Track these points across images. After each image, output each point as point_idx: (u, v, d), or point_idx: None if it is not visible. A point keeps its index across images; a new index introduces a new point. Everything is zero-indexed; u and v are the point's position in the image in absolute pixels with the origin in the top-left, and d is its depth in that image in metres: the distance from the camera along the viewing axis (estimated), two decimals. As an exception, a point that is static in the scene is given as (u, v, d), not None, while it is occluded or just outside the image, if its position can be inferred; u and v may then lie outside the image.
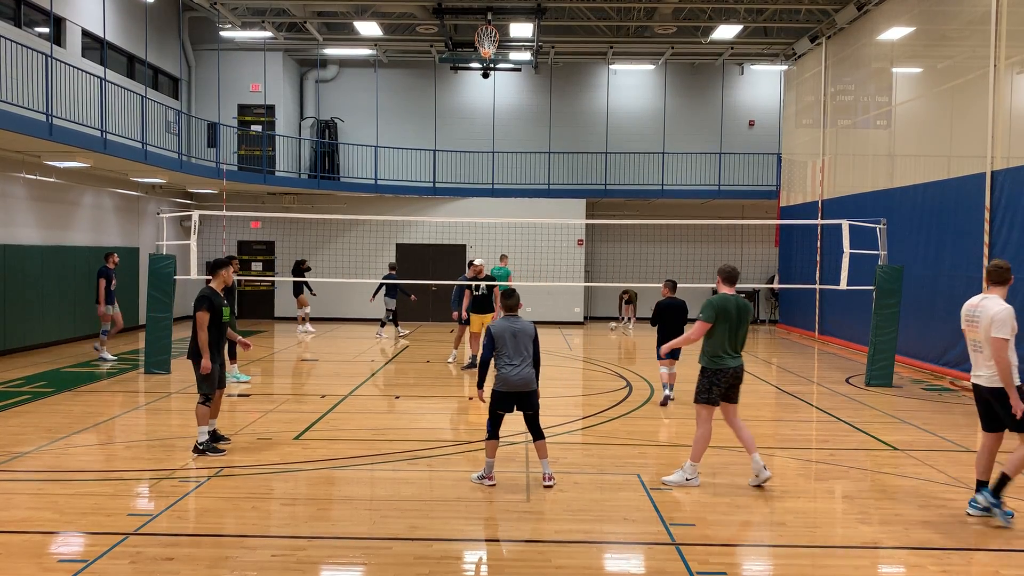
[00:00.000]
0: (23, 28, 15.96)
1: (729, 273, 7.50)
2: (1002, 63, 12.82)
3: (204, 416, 8.18)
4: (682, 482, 7.39)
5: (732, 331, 7.30)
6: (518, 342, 7.20)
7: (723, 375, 7.30)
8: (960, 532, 6.31)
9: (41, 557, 5.59)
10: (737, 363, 7.35)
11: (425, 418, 10.65)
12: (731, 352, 7.32)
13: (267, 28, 21.75)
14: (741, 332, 7.36)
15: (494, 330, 7.23)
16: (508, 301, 7.47)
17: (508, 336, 7.20)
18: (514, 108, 25.57)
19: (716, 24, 20.77)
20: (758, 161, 24.91)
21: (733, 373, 7.34)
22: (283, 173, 23.36)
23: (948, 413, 11.07)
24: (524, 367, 7.19)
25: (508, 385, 7.18)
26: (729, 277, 7.49)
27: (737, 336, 7.34)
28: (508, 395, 7.21)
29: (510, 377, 7.16)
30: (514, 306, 7.46)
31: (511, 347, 7.19)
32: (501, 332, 7.22)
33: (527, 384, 7.20)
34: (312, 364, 15.61)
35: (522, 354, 7.20)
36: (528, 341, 7.25)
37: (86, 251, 18.10)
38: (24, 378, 12.92)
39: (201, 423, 8.17)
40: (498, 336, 7.21)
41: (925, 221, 15.08)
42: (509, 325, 7.25)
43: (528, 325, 7.33)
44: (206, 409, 8.19)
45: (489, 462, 7.32)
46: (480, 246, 23.43)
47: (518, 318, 7.37)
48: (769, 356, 17.63)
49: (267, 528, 6.22)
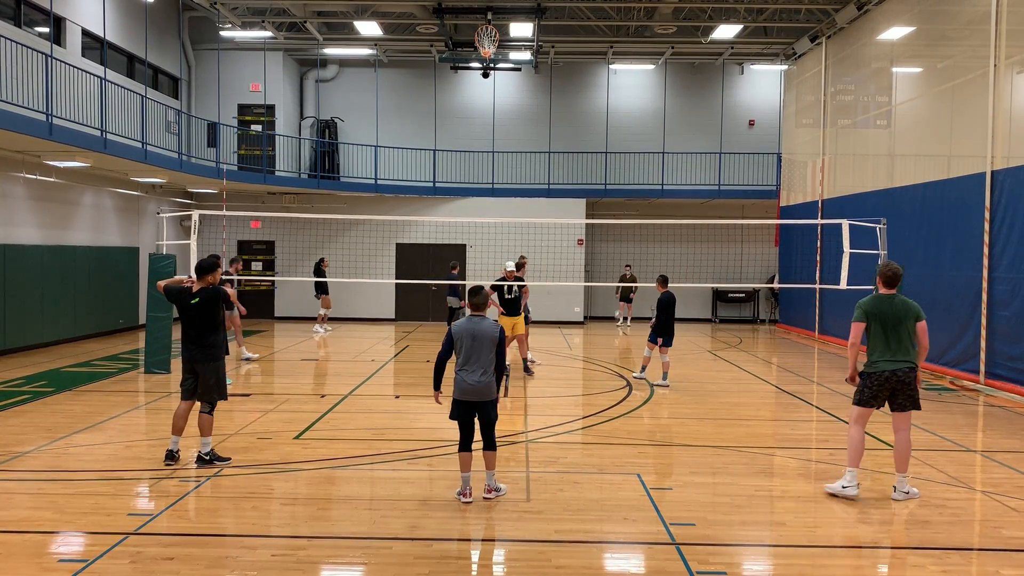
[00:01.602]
0: (23, 28, 15.96)
1: (889, 276, 7.12)
2: (1002, 63, 12.82)
3: (210, 426, 7.85)
4: (838, 490, 7.06)
5: (888, 332, 6.99)
6: (476, 345, 6.70)
7: (874, 378, 7.01)
8: (960, 532, 6.31)
9: (41, 557, 5.59)
10: (894, 367, 6.94)
11: (425, 418, 10.64)
12: (887, 355, 6.97)
13: (267, 28, 21.75)
14: (901, 333, 6.97)
15: (454, 330, 6.79)
16: (474, 299, 6.91)
17: (467, 338, 6.72)
18: (514, 108, 25.57)
19: (716, 24, 20.78)
20: (758, 161, 24.91)
21: (888, 377, 6.95)
22: (283, 173, 23.36)
23: (948, 413, 11.07)
24: (478, 374, 6.70)
25: (461, 392, 6.75)
26: (889, 279, 7.12)
27: (898, 337, 6.97)
28: (462, 403, 6.77)
29: (462, 383, 6.73)
30: (481, 305, 6.90)
31: (467, 350, 6.71)
32: (460, 333, 6.76)
33: (480, 393, 6.71)
34: (312, 364, 15.60)
35: (478, 359, 6.70)
36: (488, 345, 6.71)
37: (86, 251, 18.11)
38: (24, 378, 12.92)
39: (205, 434, 7.82)
40: (456, 337, 6.77)
41: (925, 221, 15.08)
42: (470, 326, 6.75)
43: (492, 328, 6.78)
44: (211, 419, 7.86)
45: (464, 476, 6.83)
46: (480, 246, 23.46)
47: (484, 319, 6.84)
48: (769, 356, 17.63)
49: (267, 528, 6.22)
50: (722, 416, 10.72)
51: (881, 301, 7.06)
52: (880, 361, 7.00)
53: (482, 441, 6.93)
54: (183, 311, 7.80)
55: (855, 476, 7.08)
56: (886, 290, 7.15)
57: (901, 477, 7.10)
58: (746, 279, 25.29)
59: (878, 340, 7.04)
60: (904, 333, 7.00)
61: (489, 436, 6.90)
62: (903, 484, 7.09)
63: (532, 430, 9.64)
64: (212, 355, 7.81)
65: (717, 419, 10.53)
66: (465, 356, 6.76)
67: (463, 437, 6.87)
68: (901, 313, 7.01)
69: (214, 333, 7.81)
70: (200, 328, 7.77)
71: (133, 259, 20.07)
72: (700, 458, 8.47)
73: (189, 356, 7.85)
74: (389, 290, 24.42)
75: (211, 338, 7.79)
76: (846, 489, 7.04)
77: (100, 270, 18.58)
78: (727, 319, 25.81)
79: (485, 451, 6.92)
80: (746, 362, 16.23)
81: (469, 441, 6.89)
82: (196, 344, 7.79)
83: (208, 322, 7.78)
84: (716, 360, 16.51)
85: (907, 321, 7.00)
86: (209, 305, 7.77)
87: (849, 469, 7.09)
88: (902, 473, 7.11)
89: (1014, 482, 7.67)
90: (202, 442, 7.86)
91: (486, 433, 6.89)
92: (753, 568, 5.72)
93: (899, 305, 7.03)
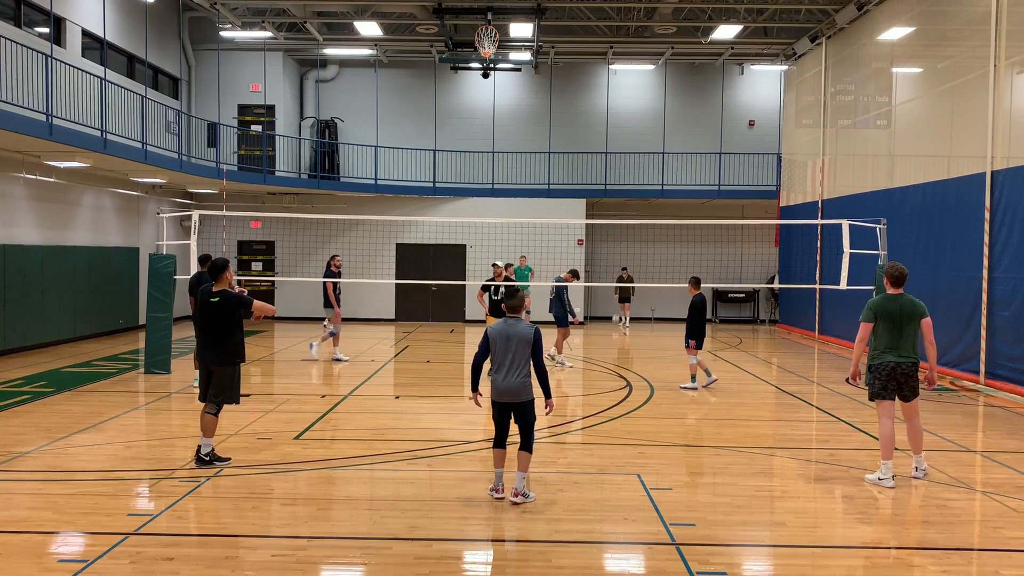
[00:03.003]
0: (23, 28, 15.96)
1: (896, 276, 7.50)
2: (1002, 63, 12.82)
3: (213, 427, 7.82)
4: (875, 481, 7.45)
5: (894, 329, 7.39)
6: (511, 347, 6.76)
7: (880, 369, 7.44)
8: (960, 532, 6.31)
9: (41, 557, 5.59)
10: (901, 360, 7.39)
11: (425, 418, 10.65)
12: (891, 350, 7.40)
13: (267, 28, 21.75)
14: (907, 330, 7.40)
15: (490, 332, 6.89)
16: (510, 302, 7.05)
17: (502, 340, 6.79)
18: (514, 108, 25.57)
19: (716, 24, 20.77)
20: (758, 161, 24.91)
21: (894, 368, 7.39)
22: (283, 173, 23.37)
23: (948, 413, 11.07)
24: (514, 375, 6.75)
25: (497, 393, 6.82)
26: (896, 279, 7.50)
27: (903, 334, 7.40)
28: (498, 404, 6.83)
29: (498, 384, 6.81)
30: (516, 307, 7.00)
31: (502, 352, 6.78)
32: (495, 335, 6.84)
33: (515, 394, 6.76)
34: (312, 364, 15.60)
35: (513, 361, 6.75)
36: (523, 347, 6.76)
37: (86, 251, 18.11)
38: (24, 378, 12.92)
39: (208, 434, 7.79)
40: (492, 339, 6.85)
41: (925, 221, 15.08)
42: (505, 328, 6.83)
43: (527, 330, 6.81)
44: (216, 420, 7.83)
45: (496, 472, 6.97)
46: (480, 246, 23.46)
47: (519, 321, 6.92)
48: (769, 356, 17.63)
49: (267, 528, 6.22)
50: (722, 416, 10.72)
51: (889, 300, 7.46)
52: (885, 353, 7.45)
53: (520, 441, 6.93)
54: (201, 309, 7.78)
55: (890, 468, 7.45)
56: (894, 290, 7.53)
57: (918, 457, 7.68)
58: (746, 279, 25.29)
59: (884, 336, 7.45)
60: (910, 331, 7.42)
61: (526, 437, 6.90)
62: (921, 463, 7.67)
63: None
64: (229, 359, 7.82)
65: (717, 419, 10.53)
66: (499, 358, 6.83)
67: (498, 435, 6.94)
68: (908, 312, 7.42)
69: (230, 337, 7.79)
70: (216, 330, 7.75)
71: (133, 259, 20.07)
72: (700, 458, 8.48)
73: (204, 358, 7.84)
74: (389, 290, 24.43)
75: (228, 342, 7.78)
76: (882, 481, 7.42)
77: (100, 270, 18.58)
78: (727, 319, 25.81)
79: (520, 450, 6.90)
80: (746, 362, 16.23)
81: (503, 439, 6.95)
82: (213, 348, 7.78)
83: (225, 325, 7.75)
84: (716, 360, 16.50)
85: (914, 319, 7.42)
86: (227, 308, 7.75)
87: (883, 462, 7.46)
88: (918, 454, 7.68)
89: (1014, 482, 7.67)
90: (203, 442, 7.83)
91: (524, 434, 6.91)
92: (753, 568, 5.73)
93: (907, 304, 7.44)
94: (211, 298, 7.75)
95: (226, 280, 7.88)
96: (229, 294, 7.80)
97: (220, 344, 7.77)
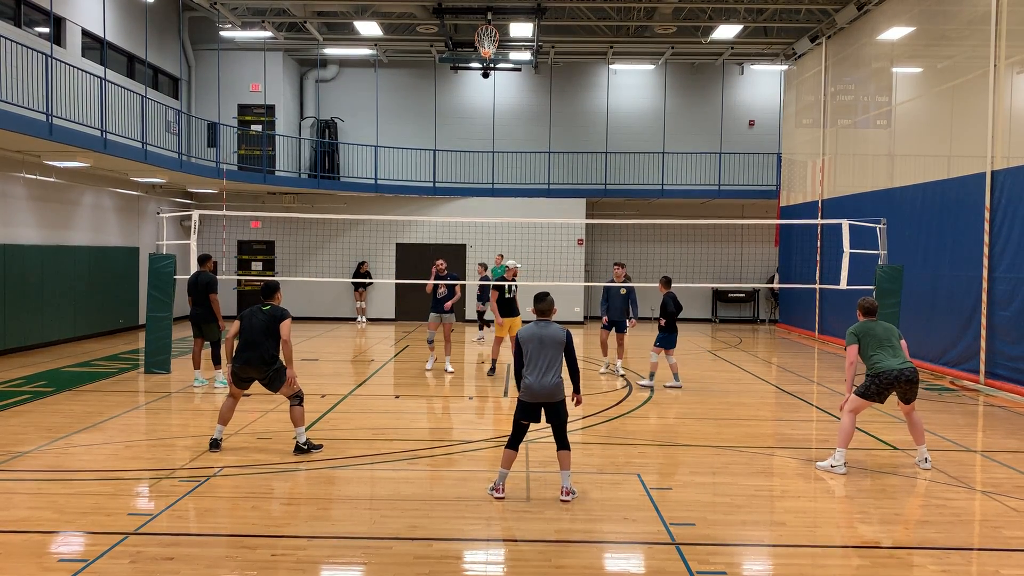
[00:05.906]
0: (23, 28, 15.96)
1: (868, 308, 8.10)
2: (1002, 63, 12.82)
3: (301, 416, 8.35)
4: (827, 468, 7.87)
5: (885, 342, 7.85)
6: (543, 348, 6.85)
7: (882, 377, 7.71)
8: (960, 532, 6.31)
9: (41, 557, 5.59)
10: (901, 366, 7.71)
11: (425, 418, 10.65)
12: (889, 359, 7.75)
13: (267, 28, 21.75)
14: (894, 343, 7.87)
15: (521, 336, 6.93)
16: (540, 305, 7.07)
17: (535, 343, 6.88)
18: (514, 108, 25.57)
19: (716, 24, 20.77)
20: (758, 161, 24.91)
21: (897, 375, 7.68)
22: (283, 173, 23.36)
23: (948, 413, 11.07)
24: (549, 376, 6.84)
25: (530, 394, 6.86)
26: (867, 311, 8.09)
27: (893, 345, 7.85)
28: (531, 405, 6.90)
29: (532, 386, 6.84)
30: (546, 310, 7.05)
31: (535, 354, 6.86)
32: (527, 339, 6.91)
33: (551, 395, 6.85)
34: (312, 364, 15.60)
35: (546, 362, 6.84)
36: (555, 348, 6.88)
37: (86, 251, 18.11)
38: (24, 378, 12.91)
39: (298, 424, 8.31)
40: (524, 342, 6.92)
41: (925, 221, 15.08)
42: (537, 331, 6.91)
43: (558, 332, 6.92)
44: (303, 410, 8.39)
45: (502, 472, 6.98)
46: (480, 246, 23.45)
47: (549, 323, 6.98)
48: (769, 356, 17.63)
49: (267, 528, 6.22)
50: (722, 416, 10.72)
51: (867, 325, 8.01)
52: (887, 360, 7.76)
53: (556, 442, 6.99)
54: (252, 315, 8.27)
55: (843, 455, 7.85)
56: (868, 319, 8.09)
57: (921, 447, 8.03)
58: (746, 279, 25.29)
59: (877, 350, 7.85)
60: (895, 344, 7.91)
61: (562, 436, 6.97)
62: (924, 452, 8.01)
63: (532, 430, 9.60)
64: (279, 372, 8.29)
65: (717, 419, 10.53)
66: (532, 360, 6.89)
67: (514, 436, 7.00)
68: (888, 329, 7.99)
69: (277, 348, 8.25)
70: (267, 337, 8.19)
71: (133, 259, 20.07)
72: (700, 458, 8.48)
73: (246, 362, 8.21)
74: (389, 290, 24.43)
75: (274, 351, 8.24)
76: (834, 468, 7.83)
77: (100, 270, 18.58)
78: (727, 319, 25.81)
79: (560, 451, 6.97)
80: (746, 362, 16.23)
81: (518, 441, 7.02)
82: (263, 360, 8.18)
83: (274, 336, 8.23)
84: (716, 360, 16.51)
85: (894, 336, 7.97)
86: (275, 321, 8.25)
87: (839, 449, 7.87)
88: (921, 444, 8.03)
89: (1014, 482, 7.67)
90: (297, 431, 8.34)
91: (559, 434, 6.96)
92: (753, 568, 5.73)
93: (883, 327, 8.01)
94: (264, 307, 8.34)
95: (278, 299, 8.50)
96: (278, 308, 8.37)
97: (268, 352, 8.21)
